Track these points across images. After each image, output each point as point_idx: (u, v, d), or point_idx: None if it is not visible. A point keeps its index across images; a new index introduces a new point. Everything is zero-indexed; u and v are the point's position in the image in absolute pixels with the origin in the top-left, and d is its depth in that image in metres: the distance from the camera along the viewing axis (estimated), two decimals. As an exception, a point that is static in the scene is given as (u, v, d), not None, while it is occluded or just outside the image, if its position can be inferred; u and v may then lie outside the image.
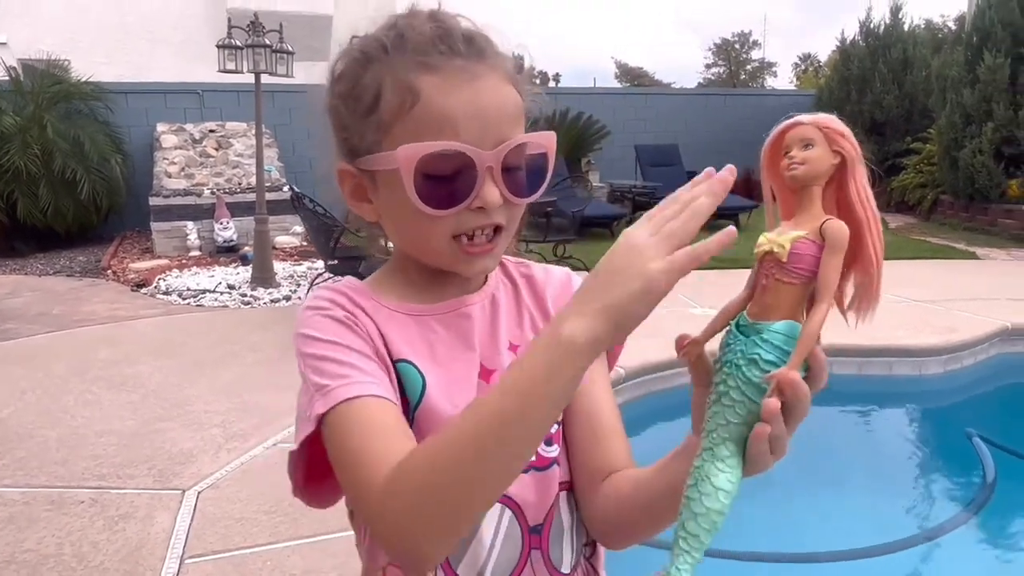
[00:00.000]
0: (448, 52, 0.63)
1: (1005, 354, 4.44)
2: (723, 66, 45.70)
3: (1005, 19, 8.07)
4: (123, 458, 2.92)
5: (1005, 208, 8.16)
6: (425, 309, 0.72)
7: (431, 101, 0.62)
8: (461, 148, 0.61)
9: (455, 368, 0.70)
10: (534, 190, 0.68)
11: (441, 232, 0.65)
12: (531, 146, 0.66)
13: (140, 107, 9.22)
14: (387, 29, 0.67)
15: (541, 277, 0.79)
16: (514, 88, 0.66)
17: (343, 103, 0.68)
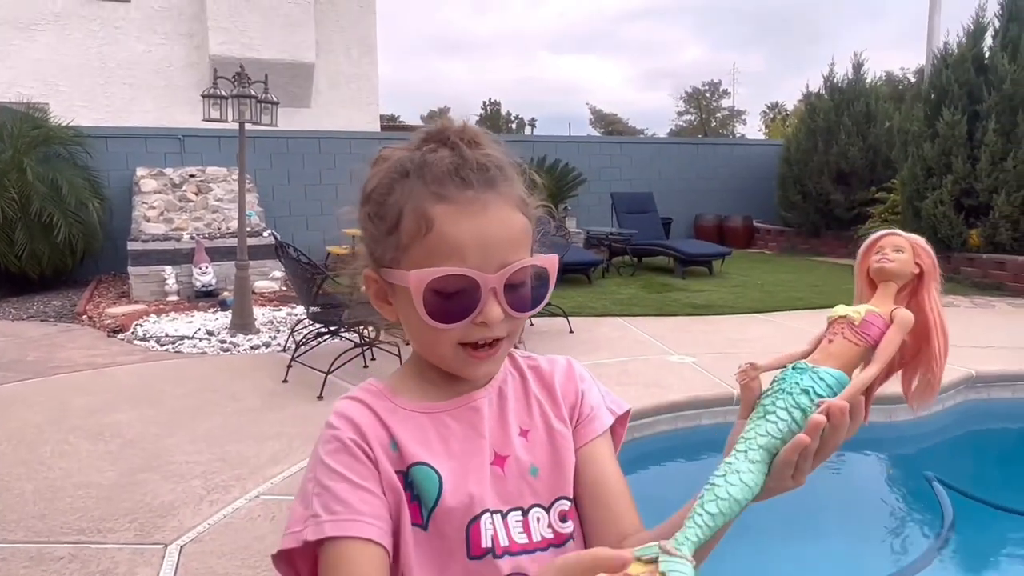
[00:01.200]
0: (461, 184, 0.72)
1: (970, 401, 4.58)
2: (694, 114, 46.96)
3: (961, 78, 8.49)
4: (103, 511, 2.89)
5: (967, 256, 8.46)
6: (438, 407, 0.78)
7: (443, 230, 0.71)
8: (466, 273, 0.70)
9: (468, 459, 0.76)
10: (535, 305, 0.76)
11: (447, 341, 0.73)
12: (535, 272, 0.74)
13: (120, 151, 9.25)
14: (414, 150, 0.75)
15: (547, 368, 0.87)
16: (522, 213, 0.75)
17: (371, 221, 0.77)
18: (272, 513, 2.88)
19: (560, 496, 0.79)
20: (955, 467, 3.93)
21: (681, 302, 7.34)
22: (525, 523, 0.77)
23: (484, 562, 0.74)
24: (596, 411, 0.85)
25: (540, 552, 0.76)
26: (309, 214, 10.24)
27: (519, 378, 0.85)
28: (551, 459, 0.80)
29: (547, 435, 0.81)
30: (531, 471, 0.79)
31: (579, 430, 0.83)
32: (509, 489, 0.77)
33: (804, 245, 11.94)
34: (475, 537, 0.74)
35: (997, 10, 8.54)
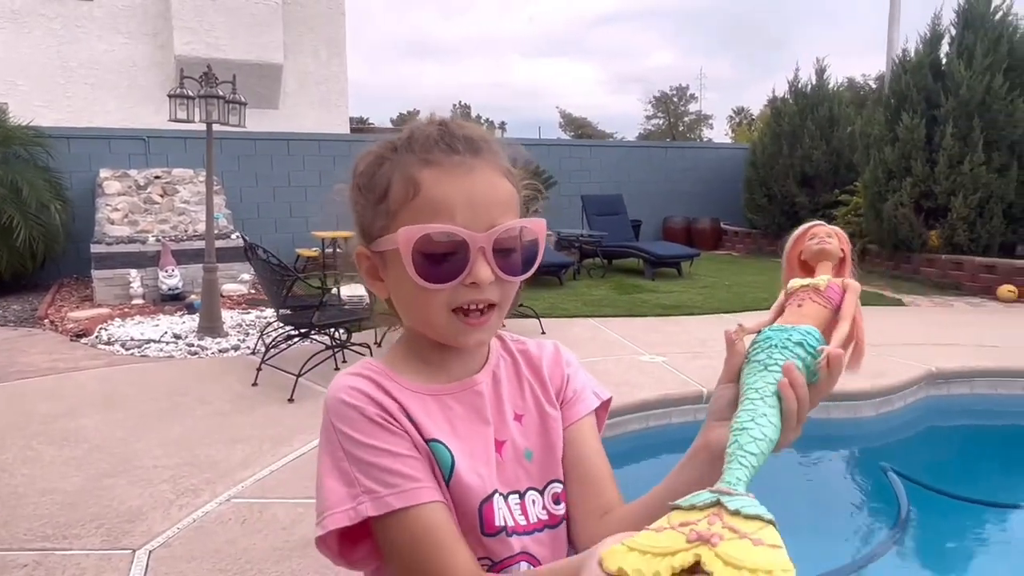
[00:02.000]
0: (448, 150, 0.73)
1: (931, 397, 4.72)
2: (663, 118, 47.45)
3: (919, 84, 8.73)
4: (68, 517, 2.83)
5: (927, 257, 8.69)
6: (442, 389, 0.79)
7: (430, 190, 0.72)
8: (454, 229, 0.71)
9: (474, 442, 0.78)
10: (526, 270, 0.76)
11: (438, 305, 0.73)
12: (524, 232, 0.75)
13: (83, 152, 9.05)
14: (401, 133, 0.77)
15: (535, 352, 0.89)
16: (508, 181, 0.76)
17: (361, 195, 0.78)
18: (243, 516, 2.84)
19: (553, 479, 0.82)
20: (916, 460, 4.04)
21: (651, 303, 7.41)
22: (523, 506, 0.79)
23: (498, 539, 0.75)
24: (581, 394, 0.88)
25: (538, 533, 0.78)
26: (278, 216, 10.13)
27: (511, 361, 0.86)
28: (544, 443, 0.82)
29: (540, 419, 0.84)
30: (526, 455, 0.81)
31: (564, 411, 0.86)
32: (507, 473, 0.79)
33: (770, 247, 12.14)
34: (488, 515, 0.75)
35: (952, 18, 8.80)
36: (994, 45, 8.25)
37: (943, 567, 3.05)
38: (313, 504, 2.12)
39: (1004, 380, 4.81)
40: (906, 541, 3.05)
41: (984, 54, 8.20)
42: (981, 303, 7.55)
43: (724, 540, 0.48)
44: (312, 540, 0.75)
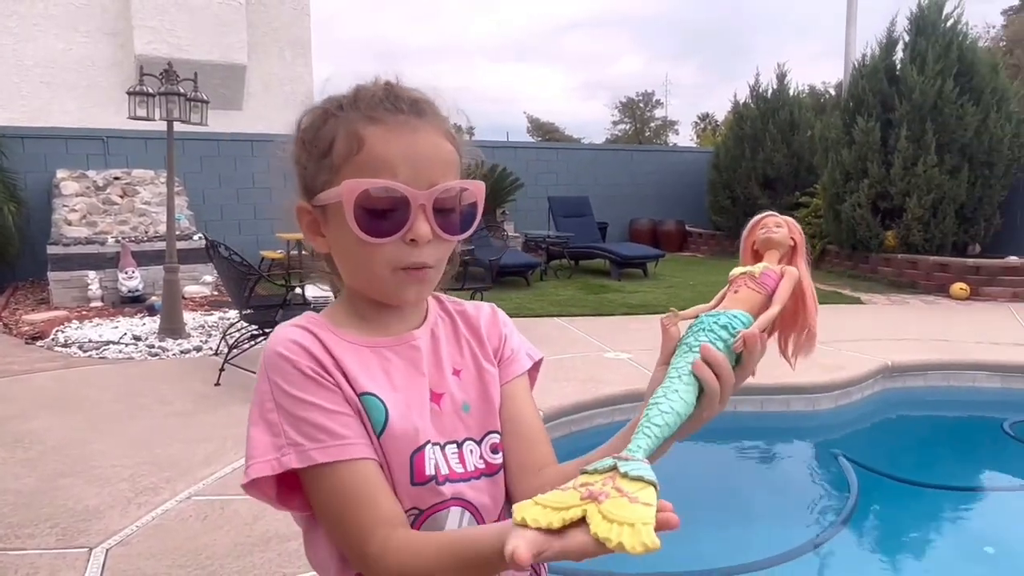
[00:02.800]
0: (392, 109, 0.75)
1: (887, 389, 4.85)
2: (629, 123, 47.92)
3: (875, 88, 8.97)
4: (21, 517, 2.76)
5: (884, 257, 8.92)
6: (380, 341, 0.81)
7: (373, 147, 0.74)
8: (395, 186, 0.72)
9: (410, 393, 0.80)
10: (464, 230, 0.78)
11: (380, 260, 0.75)
12: (464, 194, 0.77)
13: (38, 152, 8.83)
14: (346, 92, 0.78)
15: (473, 312, 0.91)
16: (450, 143, 0.78)
17: (304, 150, 0.79)
18: (204, 513, 2.80)
19: (490, 430, 0.84)
20: (873, 450, 4.16)
21: (617, 303, 7.48)
22: (460, 455, 0.81)
23: (427, 488, 0.77)
24: (516, 354, 0.91)
25: (475, 480, 0.80)
26: (242, 218, 9.99)
27: (449, 321, 0.89)
28: (481, 396, 0.85)
29: (477, 374, 0.86)
30: (464, 408, 0.83)
31: (502, 369, 0.88)
32: (445, 424, 0.81)
33: (734, 248, 12.21)
34: (419, 465, 0.77)
35: (906, 25, 9.06)
36: (945, 51, 8.52)
37: (892, 546, 3.17)
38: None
39: (956, 372, 4.97)
40: (856, 522, 3.16)
41: (935, 60, 8.47)
42: (935, 301, 7.77)
43: (608, 498, 0.54)
44: (273, 536, 0.77)
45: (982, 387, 4.89)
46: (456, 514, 0.79)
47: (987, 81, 8.56)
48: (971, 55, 8.68)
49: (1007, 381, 4.87)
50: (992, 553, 2.97)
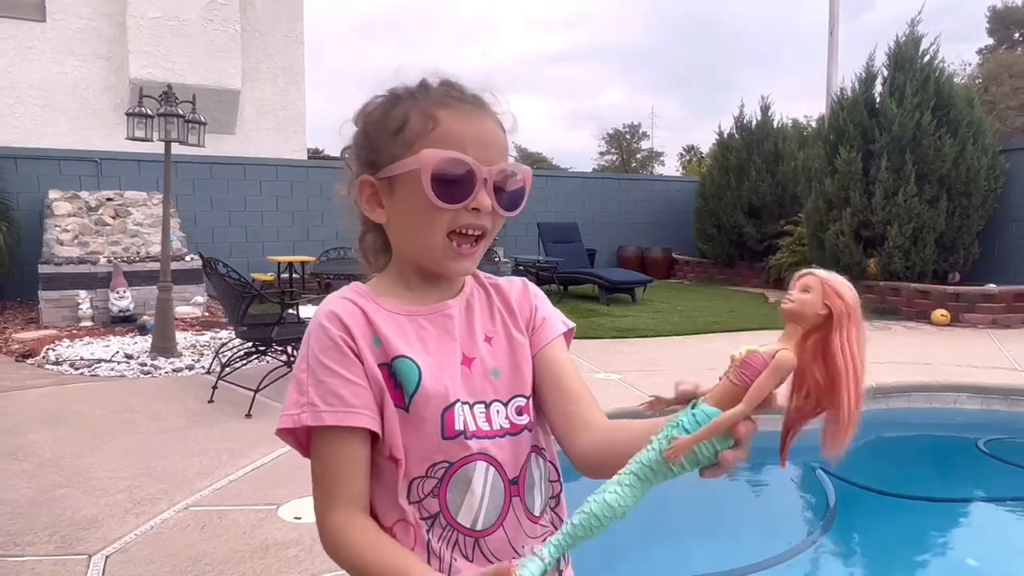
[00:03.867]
0: (460, 98, 0.86)
1: (871, 410, 4.94)
2: (615, 154, 48.54)
3: (856, 120, 9.23)
4: (19, 526, 2.78)
5: (866, 284, 9.09)
6: (416, 310, 0.90)
7: (448, 126, 0.84)
8: (468, 160, 0.82)
9: (442, 356, 0.88)
10: (513, 208, 0.88)
11: (440, 228, 0.84)
12: (515, 179, 0.87)
13: (31, 173, 8.87)
14: (410, 85, 0.88)
15: (506, 286, 1.00)
16: (503, 133, 0.89)
17: (374, 128, 0.88)
18: (202, 522, 2.83)
19: (517, 394, 0.92)
20: (859, 467, 4.24)
21: (606, 326, 7.57)
22: (487, 415, 0.89)
23: (456, 442, 0.85)
24: (549, 320, 0.98)
25: (499, 439, 0.88)
26: (233, 240, 10.04)
27: (483, 293, 0.97)
28: (510, 363, 0.93)
29: (507, 342, 0.94)
30: (493, 372, 0.91)
31: (536, 335, 0.96)
32: (475, 385, 0.89)
33: (720, 275, 12.52)
34: (449, 421, 0.85)
35: (884, 60, 9.36)
36: (922, 85, 8.80)
37: (868, 555, 3.27)
38: (272, 509, 2.20)
39: (938, 394, 5.08)
40: (835, 532, 3.27)
41: (913, 93, 8.74)
42: (917, 326, 7.93)
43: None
44: (271, 544, 0.87)
45: (963, 408, 5.00)
46: (482, 468, 0.86)
47: (963, 115, 8.83)
48: (948, 89, 8.97)
49: (987, 403, 4.99)
50: (974, 565, 3.06)
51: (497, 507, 0.87)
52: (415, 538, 0.84)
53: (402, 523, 0.85)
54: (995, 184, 8.95)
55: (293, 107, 12.95)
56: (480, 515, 0.86)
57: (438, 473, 0.85)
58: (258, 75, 12.48)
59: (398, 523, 0.85)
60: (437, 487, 0.85)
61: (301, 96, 13.08)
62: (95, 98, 11.35)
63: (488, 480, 0.87)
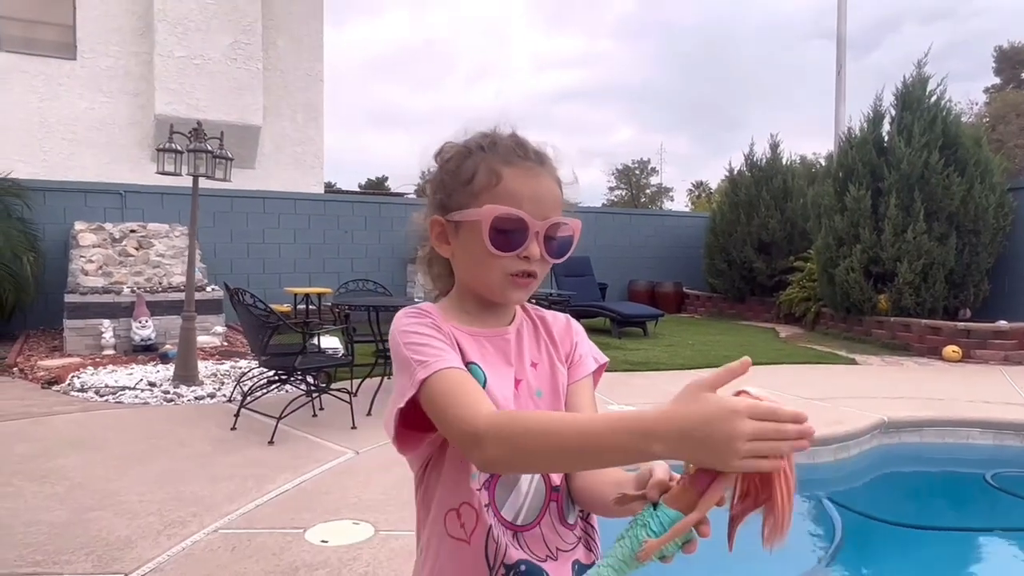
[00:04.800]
0: (523, 156, 1.00)
1: (884, 445, 4.99)
2: (625, 189, 48.92)
3: (864, 158, 9.38)
4: (56, 546, 2.87)
5: (877, 320, 9.15)
6: (478, 332, 1.03)
7: (508, 183, 0.98)
8: (522, 215, 0.96)
9: (500, 371, 1.01)
10: (560, 256, 1.02)
11: (496, 268, 0.98)
12: (564, 228, 1.01)
13: (58, 205, 9.12)
14: (482, 137, 1.02)
15: (551, 320, 1.14)
16: (559, 188, 1.02)
17: (448, 176, 1.02)
18: (232, 544, 2.92)
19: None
20: (871, 501, 4.28)
21: (619, 359, 7.65)
22: None
23: None
24: (584, 358, 1.12)
25: None
26: (251, 272, 10.23)
27: (531, 324, 1.11)
28: (551, 386, 1.06)
29: (550, 369, 1.08)
30: (537, 393, 1.04)
31: (571, 370, 1.10)
32: (521, 403, 1.02)
33: (731, 310, 12.60)
34: None
35: (892, 100, 9.55)
36: (930, 125, 8.96)
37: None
38: (299, 533, 2.34)
39: (950, 429, 5.13)
40: (841, 560, 3.36)
41: (921, 133, 8.90)
42: (928, 363, 7.96)
43: None
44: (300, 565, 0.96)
45: (975, 443, 5.04)
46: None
47: (971, 154, 8.97)
48: (955, 129, 9.13)
49: (1000, 438, 5.03)
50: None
51: (537, 508, 0.99)
52: (478, 520, 0.95)
53: (467, 506, 0.96)
54: (1004, 222, 9.04)
55: (311, 143, 13.27)
56: (522, 512, 0.98)
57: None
58: (278, 112, 12.82)
59: (463, 505, 0.96)
60: (488, 481, 0.97)
61: (319, 132, 13.40)
62: (121, 133, 11.69)
63: (533, 482, 0.99)
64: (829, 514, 3.75)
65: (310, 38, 13.27)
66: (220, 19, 11.75)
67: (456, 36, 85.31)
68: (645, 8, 78.23)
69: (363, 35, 77.43)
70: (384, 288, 7.84)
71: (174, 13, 11.45)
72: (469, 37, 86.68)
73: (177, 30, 11.49)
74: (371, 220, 11.30)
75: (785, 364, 7.57)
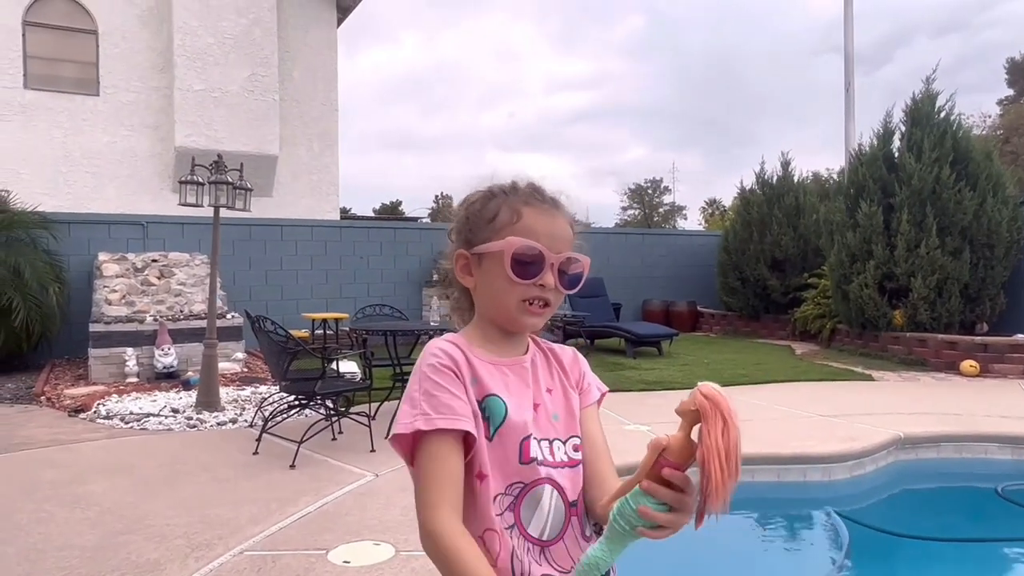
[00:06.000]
0: (541, 199, 1.12)
1: (901, 461, 4.99)
2: (638, 208, 49.03)
3: (875, 175, 9.43)
4: (89, 569, 2.97)
5: (893, 335, 9.12)
6: (500, 360, 1.13)
7: (527, 221, 1.10)
8: (540, 248, 1.08)
9: (521, 399, 1.11)
10: (572, 287, 1.13)
11: (515, 296, 1.09)
12: (576, 264, 1.12)
13: (82, 237, 9.36)
14: (504, 184, 1.15)
15: (560, 352, 1.24)
16: (571, 229, 1.14)
17: (474, 215, 1.14)
18: (258, 566, 3.00)
19: (572, 435, 1.15)
20: (882, 517, 4.31)
21: (634, 379, 7.69)
22: (551, 449, 1.11)
23: (530, 467, 1.07)
24: (590, 387, 1.22)
25: (562, 468, 1.11)
26: (269, 299, 10.40)
27: (543, 355, 1.21)
28: (566, 410, 1.16)
29: (563, 394, 1.18)
30: (553, 416, 1.14)
31: (581, 397, 1.20)
32: (540, 426, 1.12)
33: (745, 328, 12.59)
34: (526, 449, 1.08)
35: (902, 116, 9.61)
36: (940, 140, 9.00)
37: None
38: (321, 554, 2.46)
39: (969, 444, 5.12)
40: (849, 570, 3.46)
41: (931, 148, 8.94)
42: (946, 378, 7.93)
43: None
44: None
45: (993, 458, 5.02)
46: (548, 490, 1.08)
47: (982, 168, 8.99)
48: (965, 143, 9.16)
49: (1017, 452, 5.01)
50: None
51: (559, 523, 1.08)
52: (501, 544, 1.04)
53: (490, 531, 1.05)
54: (1018, 235, 9.03)
55: (327, 170, 13.52)
56: (546, 529, 1.07)
57: (514, 491, 1.06)
58: (295, 141, 13.09)
59: (487, 531, 1.05)
60: (513, 503, 1.06)
61: (335, 160, 13.66)
62: (142, 165, 11.99)
63: (552, 500, 1.08)
64: (836, 527, 3.81)
65: (325, 69, 13.58)
66: (237, 53, 12.08)
67: (467, 60, 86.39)
68: (655, 27, 78.99)
69: (376, 61, 78.67)
70: (400, 312, 7.95)
71: (193, 48, 11.79)
72: (480, 60, 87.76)
73: (196, 64, 11.82)
74: (386, 245, 11.46)
75: (801, 381, 7.57)
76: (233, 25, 12.07)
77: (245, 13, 12.14)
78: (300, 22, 13.32)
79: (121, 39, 11.90)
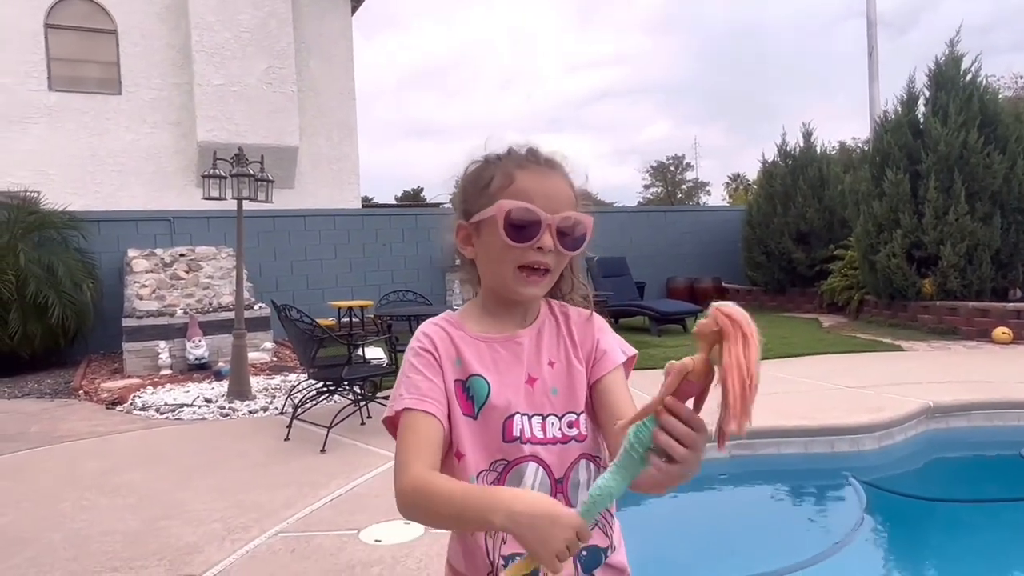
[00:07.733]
0: (534, 161, 1.10)
1: (931, 430, 4.94)
2: (660, 186, 48.61)
3: (900, 142, 9.24)
4: (132, 553, 3.08)
5: (922, 305, 8.98)
6: (492, 337, 1.13)
7: (521, 183, 1.07)
8: (533, 208, 1.05)
9: (510, 376, 1.11)
10: (575, 248, 1.09)
11: (513, 260, 1.07)
12: (578, 226, 1.08)
13: (112, 234, 9.55)
14: (499, 150, 1.13)
15: (574, 317, 1.19)
16: (571, 189, 1.11)
17: (469, 185, 1.13)
18: (292, 547, 3.09)
19: (570, 411, 1.12)
20: (909, 484, 4.31)
21: (658, 357, 7.65)
22: (543, 425, 1.10)
23: (513, 445, 1.08)
24: (609, 353, 1.15)
25: (550, 445, 1.10)
26: (295, 289, 10.54)
27: (555, 322, 1.17)
28: (567, 385, 1.13)
29: (567, 368, 1.14)
30: (552, 391, 1.12)
31: (595, 367, 1.14)
32: (535, 400, 1.11)
33: (771, 302, 12.47)
34: (508, 428, 1.08)
35: (925, 80, 9.38)
36: (966, 104, 8.78)
37: (899, 552, 3.60)
38: (353, 534, 2.52)
39: (1000, 412, 5.04)
40: (866, 532, 3.55)
41: (957, 112, 8.73)
42: (977, 346, 7.80)
43: None
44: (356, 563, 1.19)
45: (1025, 425, 4.95)
46: (532, 468, 1.08)
47: (1012, 130, 8.76)
48: (993, 106, 8.93)
49: (1052, 419, 4.93)
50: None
51: None
52: None
53: None
54: (1051, 198, 8.81)
55: (347, 159, 13.60)
56: None
57: (498, 468, 1.07)
58: (314, 131, 13.18)
59: None
60: (497, 480, 1.07)
61: (354, 148, 13.73)
62: (166, 161, 12.17)
63: (537, 477, 1.08)
64: (855, 491, 3.88)
65: (341, 58, 13.62)
66: (254, 46, 12.16)
67: (485, 43, 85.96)
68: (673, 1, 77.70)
69: (392, 48, 78.59)
70: (424, 298, 8.02)
71: (211, 44, 11.90)
72: (498, 44, 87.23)
73: (214, 59, 11.93)
74: (408, 232, 11.52)
75: (829, 354, 7.50)
76: (249, 18, 12.15)
77: (260, 6, 12.21)
78: (315, 12, 13.35)
79: (140, 37, 12.04)
